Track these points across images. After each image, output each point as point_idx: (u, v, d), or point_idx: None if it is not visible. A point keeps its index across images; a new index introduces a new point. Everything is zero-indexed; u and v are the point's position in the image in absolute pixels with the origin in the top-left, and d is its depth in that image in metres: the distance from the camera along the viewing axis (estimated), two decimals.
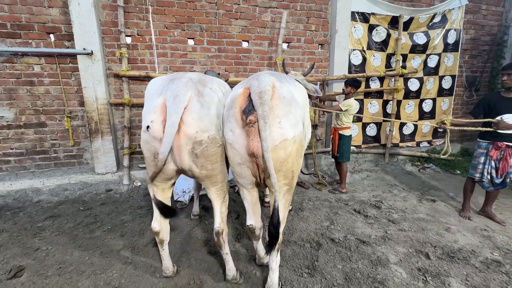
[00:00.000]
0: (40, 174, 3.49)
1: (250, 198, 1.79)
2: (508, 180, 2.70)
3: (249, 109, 1.48)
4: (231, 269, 1.91)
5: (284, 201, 1.71)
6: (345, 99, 3.46)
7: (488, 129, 2.64)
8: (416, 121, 4.85)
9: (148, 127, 1.55)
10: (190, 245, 2.37)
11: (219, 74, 3.28)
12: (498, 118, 2.60)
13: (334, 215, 2.97)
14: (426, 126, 4.88)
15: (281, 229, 1.68)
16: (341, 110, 3.36)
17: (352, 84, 3.36)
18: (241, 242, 2.45)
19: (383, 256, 2.24)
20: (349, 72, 4.34)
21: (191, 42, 3.71)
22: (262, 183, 1.72)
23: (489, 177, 2.75)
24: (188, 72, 1.90)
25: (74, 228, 2.65)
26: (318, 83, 4.22)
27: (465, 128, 2.79)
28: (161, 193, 1.80)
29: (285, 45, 4.10)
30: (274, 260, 1.78)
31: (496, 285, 1.96)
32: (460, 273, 2.06)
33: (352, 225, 2.76)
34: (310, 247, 2.38)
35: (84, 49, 3.21)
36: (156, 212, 1.82)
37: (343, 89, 3.48)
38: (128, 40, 3.47)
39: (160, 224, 1.83)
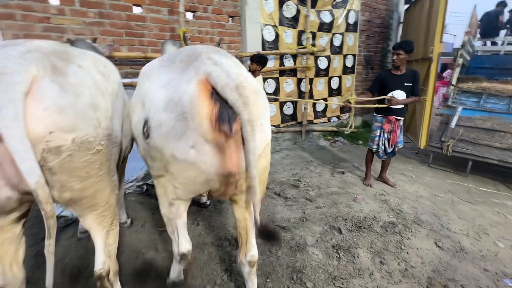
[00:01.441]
0: None
1: (185, 215, 1.39)
2: (397, 149, 3.07)
3: (229, 114, 1.05)
4: None
5: (259, 209, 1.39)
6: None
7: (383, 105, 2.89)
8: (325, 99, 5.16)
9: None
10: (70, 279, 1.78)
11: (111, 45, 2.48)
12: (390, 94, 2.86)
13: None
14: (343, 97, 5.25)
15: (254, 241, 1.45)
16: None
17: (257, 60, 3.13)
18: (144, 256, 2.01)
19: (301, 240, 2.20)
20: (263, 49, 4.13)
21: (54, 1, 2.71)
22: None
23: (383, 147, 3.06)
24: (38, 40, 1.22)
25: None
26: None
27: (366, 105, 3.05)
28: None
29: (190, 15, 3.52)
30: (255, 284, 1.55)
31: (393, 246, 2.17)
32: (366, 242, 2.21)
33: (273, 210, 2.67)
34: (229, 246, 2.14)
35: None
36: None
37: (249, 67, 3.23)
38: None
39: (4, 274, 1.17)
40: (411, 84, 2.86)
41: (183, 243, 1.41)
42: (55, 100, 1.01)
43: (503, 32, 6.15)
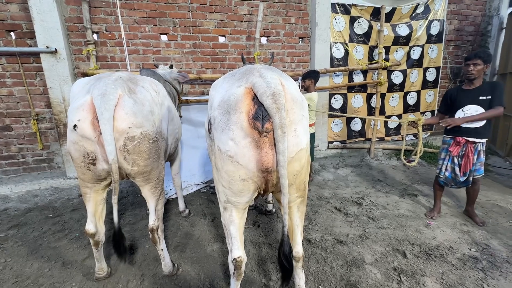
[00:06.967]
0: (7, 180, 3.32)
1: (239, 221, 1.45)
2: (471, 178, 2.55)
3: (263, 114, 1.23)
4: (167, 264, 1.96)
5: (300, 214, 1.53)
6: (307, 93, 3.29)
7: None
8: (400, 116, 4.79)
9: (75, 126, 1.50)
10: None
11: (176, 70, 2.91)
12: (460, 111, 2.53)
13: (314, 214, 2.89)
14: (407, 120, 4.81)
15: (300, 239, 1.56)
16: None
17: (309, 76, 3.20)
18: (213, 246, 2.35)
19: (358, 256, 2.16)
20: (331, 66, 4.24)
21: (164, 37, 3.55)
22: (263, 195, 1.52)
23: (446, 174, 2.64)
24: (117, 71, 1.88)
25: (39, 237, 2.51)
26: (300, 78, 4.10)
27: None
28: (95, 195, 1.75)
29: (264, 39, 3.97)
30: (301, 278, 1.65)
31: (471, 283, 1.90)
32: (436, 272, 2.00)
33: (331, 224, 2.68)
34: None
35: (47, 47, 3.02)
36: (89, 213, 1.77)
37: (302, 85, 3.33)
38: (95, 36, 3.29)
39: (95, 225, 1.79)
40: (489, 97, 2.39)
41: (235, 250, 1.44)
42: (131, 108, 1.58)
43: None
